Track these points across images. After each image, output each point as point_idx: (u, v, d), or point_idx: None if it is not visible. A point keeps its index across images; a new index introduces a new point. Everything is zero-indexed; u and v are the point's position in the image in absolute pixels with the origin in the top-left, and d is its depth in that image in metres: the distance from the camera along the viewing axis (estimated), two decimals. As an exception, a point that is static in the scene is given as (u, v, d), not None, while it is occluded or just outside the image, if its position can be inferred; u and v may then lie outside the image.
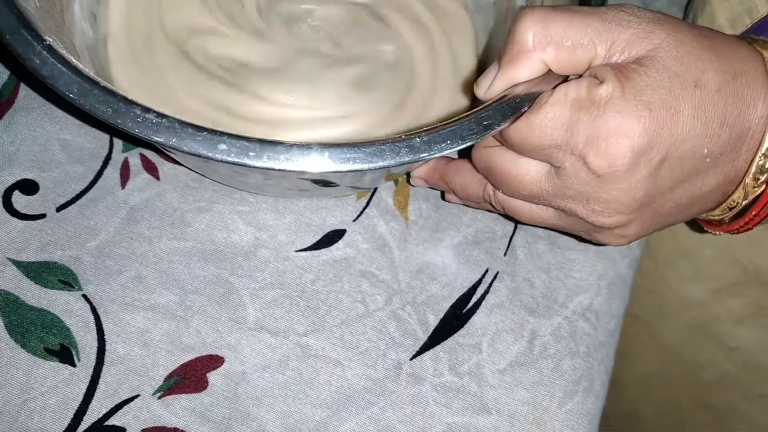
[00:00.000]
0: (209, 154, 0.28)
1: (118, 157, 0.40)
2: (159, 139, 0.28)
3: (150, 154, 0.40)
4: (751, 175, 0.27)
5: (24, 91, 0.41)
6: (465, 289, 0.38)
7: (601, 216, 0.28)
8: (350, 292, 0.38)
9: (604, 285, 0.39)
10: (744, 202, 0.28)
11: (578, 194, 0.28)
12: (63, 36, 0.35)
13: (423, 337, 0.37)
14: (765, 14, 0.36)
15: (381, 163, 0.28)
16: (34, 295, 0.36)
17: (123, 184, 0.39)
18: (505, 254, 0.39)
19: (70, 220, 0.38)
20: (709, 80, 0.26)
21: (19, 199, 0.38)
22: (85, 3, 0.39)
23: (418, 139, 0.28)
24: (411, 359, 0.36)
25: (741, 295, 0.45)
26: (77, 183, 0.39)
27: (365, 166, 0.28)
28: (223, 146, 0.28)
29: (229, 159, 0.28)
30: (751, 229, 0.29)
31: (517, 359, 0.36)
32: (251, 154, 0.28)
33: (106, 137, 0.41)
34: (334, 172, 0.28)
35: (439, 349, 0.36)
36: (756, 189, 0.27)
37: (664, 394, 0.56)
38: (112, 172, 0.40)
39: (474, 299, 0.38)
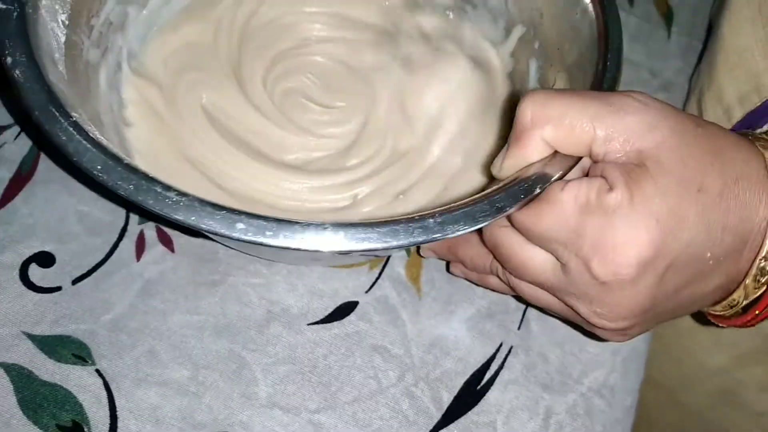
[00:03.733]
0: (227, 233, 0.28)
1: (133, 228, 0.41)
2: (179, 218, 0.28)
3: (165, 226, 0.41)
4: (751, 277, 0.27)
5: (44, 163, 0.42)
6: (479, 365, 0.38)
7: (603, 319, 0.28)
8: (362, 367, 0.37)
9: (619, 360, 0.38)
10: (744, 302, 0.28)
11: (582, 294, 0.28)
12: (88, 106, 0.36)
13: (437, 415, 0.36)
14: None
15: (394, 243, 0.28)
16: (48, 369, 0.36)
17: (138, 257, 0.40)
18: (519, 328, 0.39)
19: (86, 294, 0.38)
20: (711, 184, 0.26)
21: (35, 272, 0.39)
22: (111, 74, 0.40)
23: (431, 220, 0.28)
24: (424, 437, 0.36)
25: (765, 362, 0.44)
26: (93, 255, 0.40)
27: (379, 246, 0.28)
28: (241, 225, 0.28)
29: (246, 238, 0.28)
30: (754, 325, 0.29)
31: (533, 438, 0.36)
32: (268, 233, 0.28)
33: (122, 209, 0.41)
34: (348, 251, 0.28)
35: (453, 428, 0.36)
36: (756, 290, 0.27)
37: None
38: (128, 245, 0.40)
39: (488, 375, 0.37)
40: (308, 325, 0.38)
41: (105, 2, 0.38)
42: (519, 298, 0.37)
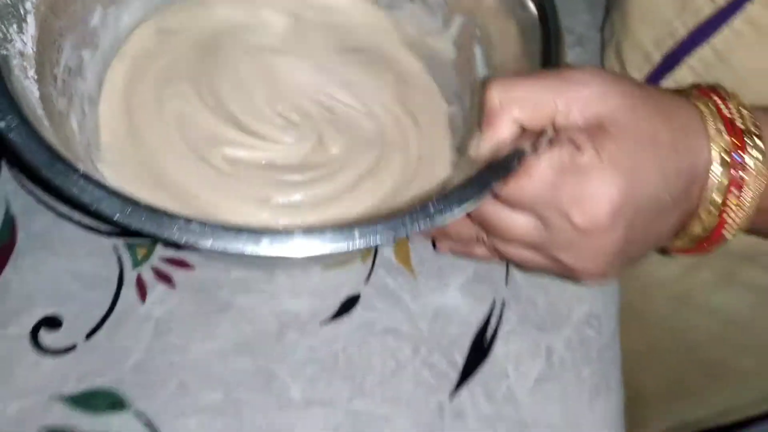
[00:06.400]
0: (256, 252, 0.30)
1: (130, 275, 0.42)
2: (206, 245, 0.30)
3: (161, 265, 0.42)
4: (704, 209, 0.32)
5: (22, 232, 0.43)
6: (480, 324, 0.42)
7: (586, 264, 0.32)
8: (380, 351, 0.41)
9: (599, 292, 0.43)
10: (703, 233, 0.33)
11: (565, 244, 0.32)
12: (70, 153, 0.36)
13: (455, 376, 0.40)
14: (683, 37, 0.41)
15: (403, 233, 0.31)
16: (87, 423, 0.38)
17: (143, 299, 0.41)
18: (506, 284, 0.43)
19: (102, 346, 0.40)
20: (663, 137, 0.31)
21: (46, 337, 0.40)
22: (80, 119, 0.41)
23: (431, 208, 0.32)
24: (450, 399, 0.40)
25: (711, 266, 0.50)
26: (99, 309, 0.41)
27: (391, 237, 0.31)
28: (266, 240, 0.30)
29: (270, 254, 0.30)
30: (712, 251, 0.34)
31: (541, 376, 0.41)
32: (289, 243, 0.30)
33: (113, 259, 0.42)
34: (367, 247, 0.31)
35: (472, 384, 0.40)
36: (711, 220, 0.32)
37: (658, 362, 0.62)
38: (129, 291, 0.42)
39: (490, 331, 0.42)
40: (320, 324, 0.41)
41: (62, 51, 0.39)
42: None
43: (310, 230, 0.31)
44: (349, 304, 0.42)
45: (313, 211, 0.41)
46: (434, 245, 0.42)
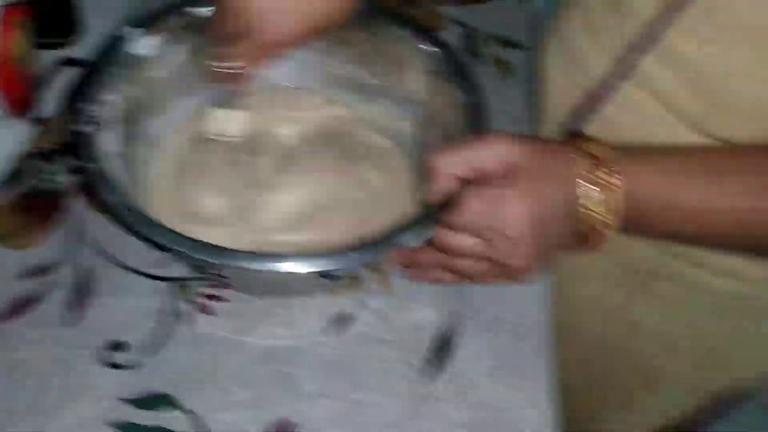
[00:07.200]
0: (296, 270, 0.44)
1: (181, 307, 0.55)
2: (270, 266, 0.44)
3: (204, 300, 0.55)
4: (584, 215, 0.45)
5: (93, 283, 0.56)
6: (446, 331, 0.55)
7: (518, 260, 0.46)
8: (372, 355, 0.53)
9: (530, 302, 0.57)
10: (588, 232, 0.46)
11: (502, 251, 0.46)
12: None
13: (431, 371, 0.53)
14: (581, 107, 0.57)
15: (373, 257, 0.45)
16: (146, 418, 0.50)
17: (192, 327, 0.54)
18: (464, 302, 0.57)
19: (161, 362, 0.52)
20: (552, 172, 0.45)
21: (119, 357, 0.52)
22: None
23: (394, 236, 0.46)
24: (428, 387, 0.52)
25: (624, 284, 0.63)
26: (159, 335, 0.54)
27: (363, 259, 0.45)
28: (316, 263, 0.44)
29: (302, 271, 0.44)
30: (599, 246, 0.47)
31: (493, 365, 0.54)
32: (309, 261, 0.44)
33: (167, 296, 0.56)
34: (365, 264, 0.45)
35: (442, 376, 0.53)
36: (590, 222, 0.45)
37: (595, 373, 0.74)
38: (182, 321, 0.54)
39: (454, 336, 0.55)
40: (326, 337, 0.54)
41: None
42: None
43: (303, 254, 0.44)
44: (348, 321, 0.55)
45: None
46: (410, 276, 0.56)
